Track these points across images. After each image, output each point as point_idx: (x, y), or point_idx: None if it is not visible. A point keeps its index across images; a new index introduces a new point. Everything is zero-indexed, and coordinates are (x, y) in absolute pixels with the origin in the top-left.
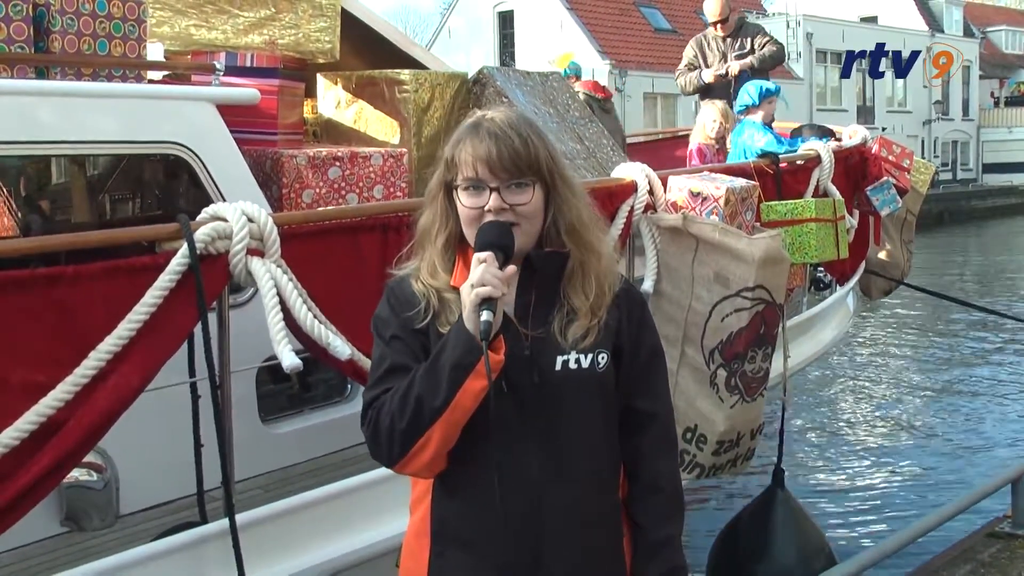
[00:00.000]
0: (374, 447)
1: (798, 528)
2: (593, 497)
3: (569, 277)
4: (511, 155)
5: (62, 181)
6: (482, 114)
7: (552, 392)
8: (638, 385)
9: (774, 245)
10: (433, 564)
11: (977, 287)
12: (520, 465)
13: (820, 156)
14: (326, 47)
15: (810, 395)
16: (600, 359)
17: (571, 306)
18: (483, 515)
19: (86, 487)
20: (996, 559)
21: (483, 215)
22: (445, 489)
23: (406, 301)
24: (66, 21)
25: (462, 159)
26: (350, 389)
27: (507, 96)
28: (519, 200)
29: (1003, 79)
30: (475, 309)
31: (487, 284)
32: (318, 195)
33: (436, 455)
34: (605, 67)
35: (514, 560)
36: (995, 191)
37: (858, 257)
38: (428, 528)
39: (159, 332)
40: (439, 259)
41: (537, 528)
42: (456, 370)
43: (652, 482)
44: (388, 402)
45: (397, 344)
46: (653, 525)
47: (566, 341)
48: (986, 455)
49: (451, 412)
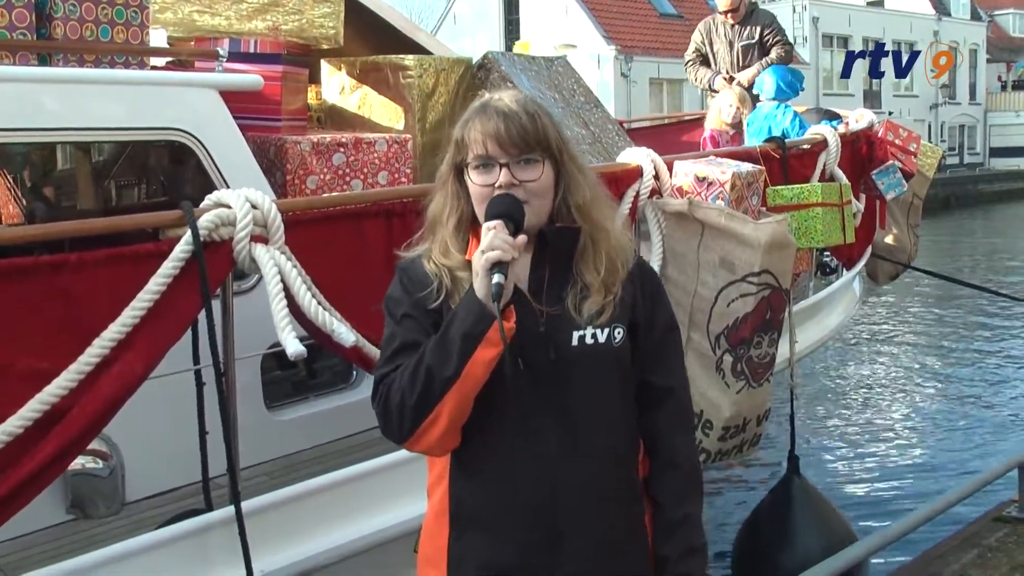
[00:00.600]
0: (385, 424)
1: (820, 515)
2: (610, 472)
3: (581, 253)
4: (519, 131)
5: (65, 168)
6: (490, 95)
7: (568, 368)
8: (654, 360)
9: (780, 230)
10: (452, 545)
11: (984, 270)
12: (537, 441)
13: (827, 140)
14: (330, 33)
15: (815, 381)
16: (616, 334)
17: (584, 282)
18: (501, 493)
19: (92, 475)
20: (1003, 543)
21: (493, 192)
22: (462, 469)
23: (418, 281)
24: (68, 7)
25: (472, 138)
26: (355, 376)
27: (512, 81)
28: (529, 176)
29: (1010, 63)
30: (486, 274)
31: (496, 248)
32: (322, 181)
33: (447, 430)
34: (611, 52)
35: (533, 537)
36: (1002, 175)
37: (864, 242)
38: (446, 509)
39: (163, 319)
40: (451, 239)
41: (555, 504)
42: (467, 340)
43: (669, 458)
44: (399, 378)
45: (408, 322)
46: (670, 503)
47: (581, 317)
48: (993, 439)
49: (462, 382)
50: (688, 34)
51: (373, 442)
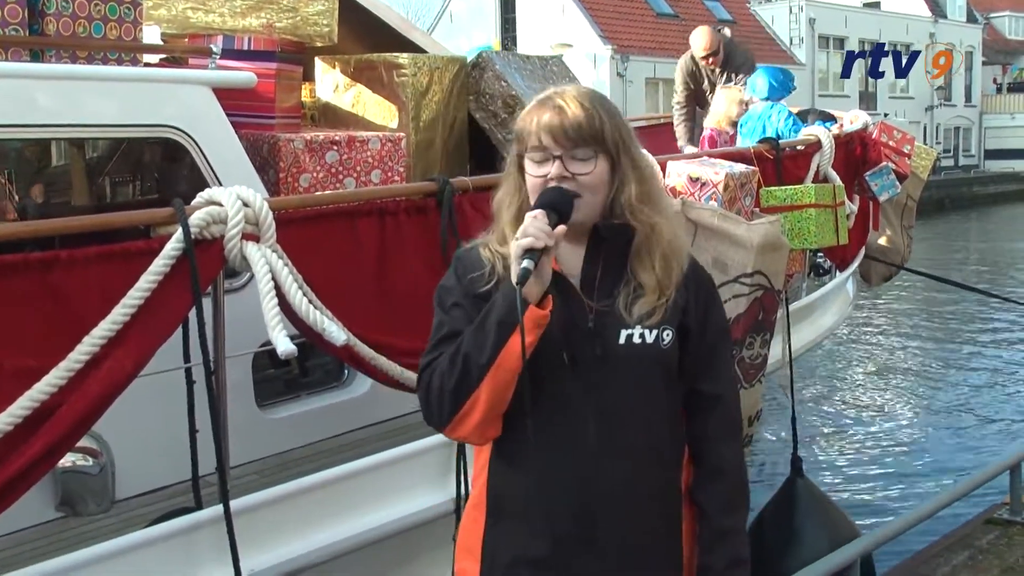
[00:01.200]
0: (426, 409)
1: (825, 516)
2: (650, 473)
3: (636, 253)
4: (574, 124)
5: (58, 165)
6: (553, 89)
7: (614, 366)
8: (704, 367)
9: (773, 231)
10: (488, 534)
11: (978, 272)
12: (577, 437)
13: (820, 141)
14: (324, 30)
15: (811, 383)
16: (665, 335)
17: (638, 282)
18: (537, 486)
19: (81, 472)
20: (994, 545)
21: (547, 183)
22: (501, 459)
23: (471, 266)
24: (61, 3)
25: (530, 129)
26: (347, 374)
27: (506, 80)
28: (581, 170)
29: (1006, 65)
30: (518, 259)
31: (530, 235)
32: (315, 179)
33: (485, 417)
34: (607, 52)
35: (567, 531)
36: (997, 177)
37: (858, 243)
38: (484, 499)
39: (154, 317)
40: (509, 228)
41: (590, 500)
42: (501, 326)
43: (716, 466)
44: (440, 364)
45: (456, 311)
46: (717, 512)
47: (631, 316)
48: (985, 441)
49: (496, 369)
50: (684, 35)
51: (364, 441)
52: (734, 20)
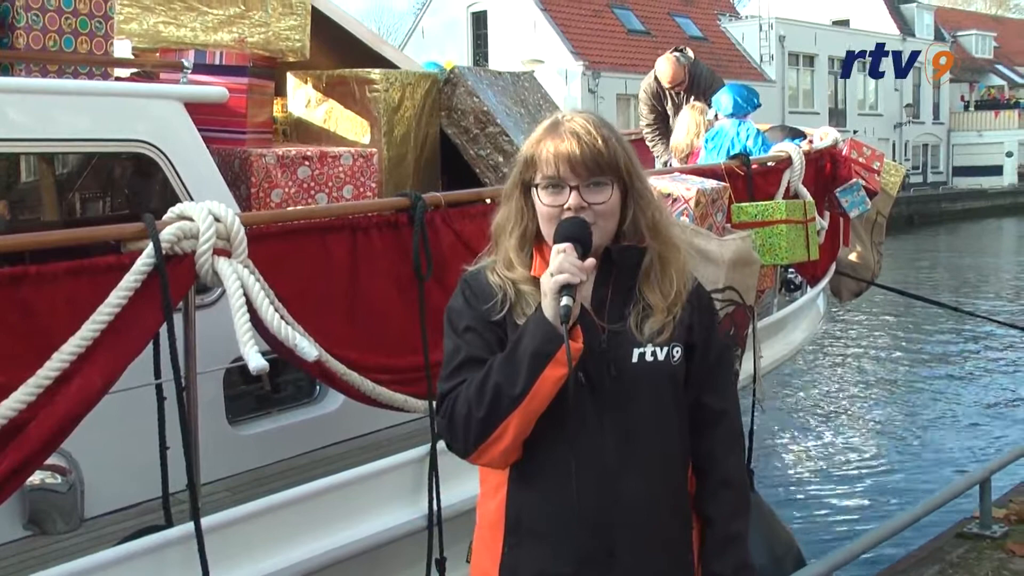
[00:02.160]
0: (450, 437)
1: (769, 530)
2: (668, 488)
3: (646, 273)
4: (593, 155)
5: (27, 179)
6: (562, 114)
7: (629, 384)
8: (709, 383)
9: (744, 246)
10: (507, 556)
11: (947, 288)
12: (597, 456)
13: (791, 158)
14: (296, 45)
15: (777, 396)
16: (675, 352)
17: (647, 302)
18: (560, 507)
19: (50, 490)
20: (964, 559)
21: (562, 213)
22: (522, 480)
23: (482, 292)
24: (31, 17)
25: (543, 157)
26: (319, 390)
27: (478, 96)
28: (598, 199)
29: (973, 83)
30: (555, 296)
31: (565, 271)
32: (287, 195)
33: (512, 444)
34: (578, 68)
35: (589, 550)
36: (965, 194)
37: (829, 259)
38: (502, 520)
39: (124, 333)
40: (515, 254)
41: (612, 519)
42: (536, 358)
43: (724, 477)
44: (464, 392)
45: (471, 336)
46: (724, 520)
47: (642, 335)
48: (954, 455)
49: (529, 401)
50: (656, 51)
51: (336, 457)
52: (704, 37)
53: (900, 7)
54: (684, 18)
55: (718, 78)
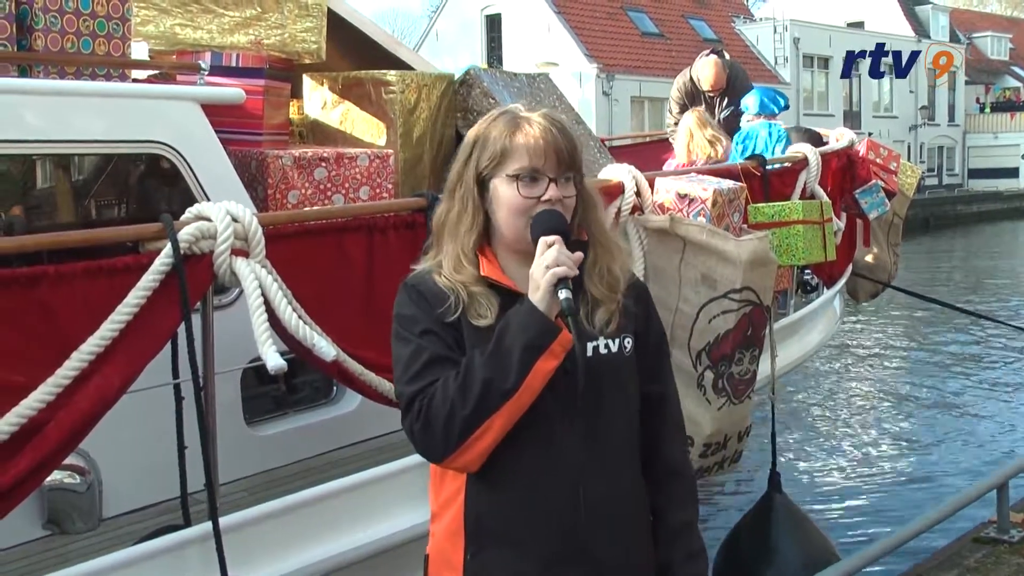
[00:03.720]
0: (426, 438)
1: (802, 532)
2: (632, 481)
3: (590, 267)
4: (569, 149)
5: (46, 181)
6: (517, 108)
7: (588, 379)
8: (651, 369)
9: (761, 246)
10: (469, 563)
11: (963, 291)
12: (563, 454)
13: (807, 158)
14: (312, 47)
15: (795, 399)
16: (626, 343)
17: (592, 295)
18: (524, 507)
19: (69, 490)
20: (982, 564)
21: (535, 205)
22: (481, 485)
23: (433, 297)
24: (49, 19)
25: (514, 148)
26: (336, 391)
27: (494, 97)
28: (568, 193)
29: (988, 84)
30: (551, 289)
31: (563, 263)
32: (304, 196)
33: (493, 443)
34: (592, 70)
35: (557, 550)
36: (980, 196)
37: (845, 260)
38: (462, 527)
39: (142, 333)
40: (464, 255)
41: (579, 516)
42: (528, 351)
43: (670, 466)
44: (441, 391)
45: (431, 337)
46: (673, 509)
47: (594, 328)
48: (972, 460)
49: (520, 394)
50: (669, 54)
51: (353, 458)
52: (719, 39)
53: (915, 9)
54: (698, 20)
55: (750, 83)
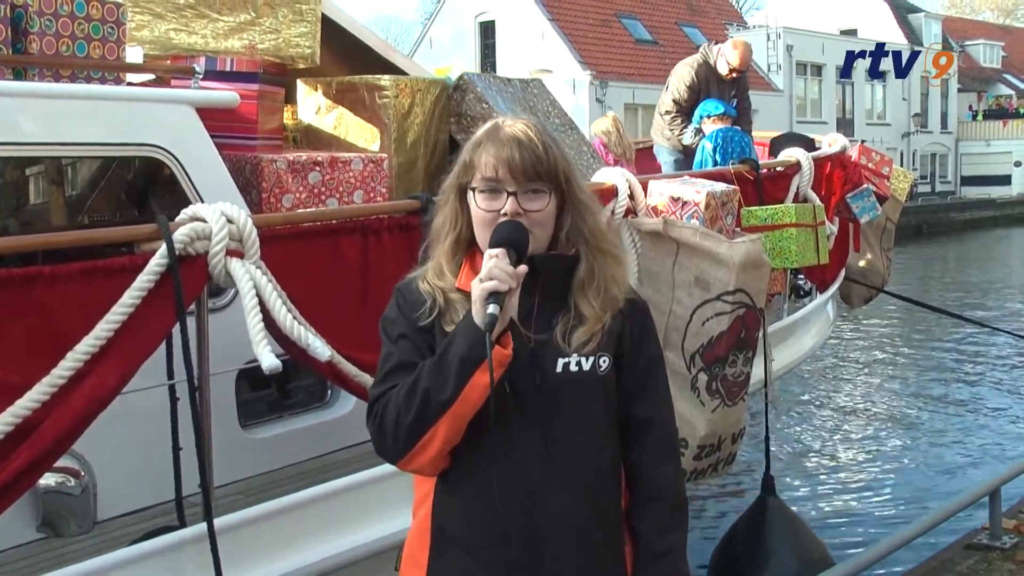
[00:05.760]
0: (380, 441)
1: (796, 536)
2: (592, 499)
3: (580, 283)
4: (532, 161)
5: (40, 183)
6: (502, 119)
7: (552, 394)
8: (637, 392)
9: (755, 249)
10: (432, 565)
11: (954, 297)
12: (520, 465)
13: (800, 163)
14: (306, 52)
15: (789, 403)
16: (602, 362)
17: (578, 311)
18: (484, 516)
19: (63, 492)
20: (974, 570)
21: (497, 218)
22: (447, 489)
23: (413, 301)
24: (44, 22)
25: (482, 161)
26: (330, 394)
27: (487, 102)
28: (534, 206)
29: (981, 92)
30: (482, 303)
31: (494, 278)
32: (298, 200)
33: (441, 450)
34: (586, 77)
35: (513, 560)
36: (973, 204)
37: (838, 264)
38: (429, 528)
39: (137, 333)
40: (446, 260)
41: (537, 529)
42: (464, 364)
43: (651, 490)
44: (394, 397)
45: (404, 343)
46: (652, 535)
47: (568, 345)
48: (963, 467)
49: (458, 406)
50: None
51: (347, 460)
52: None
53: (908, 16)
54: (692, 28)
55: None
